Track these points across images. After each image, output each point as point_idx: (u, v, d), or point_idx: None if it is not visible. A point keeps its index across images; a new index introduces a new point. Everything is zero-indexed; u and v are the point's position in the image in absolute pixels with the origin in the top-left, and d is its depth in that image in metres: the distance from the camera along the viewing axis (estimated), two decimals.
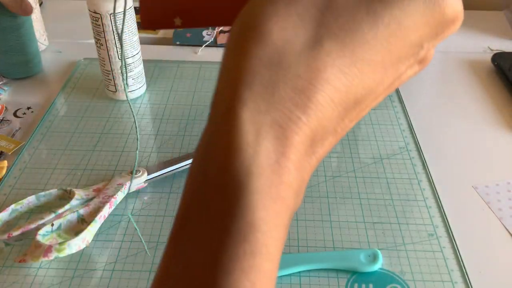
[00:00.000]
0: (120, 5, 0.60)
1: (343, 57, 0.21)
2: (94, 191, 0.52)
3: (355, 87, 0.21)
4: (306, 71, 0.20)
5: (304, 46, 0.21)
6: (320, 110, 0.21)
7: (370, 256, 0.46)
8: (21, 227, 0.47)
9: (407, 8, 0.22)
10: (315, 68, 0.20)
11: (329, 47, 0.21)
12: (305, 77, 0.20)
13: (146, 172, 0.54)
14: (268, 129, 0.20)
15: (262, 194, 0.19)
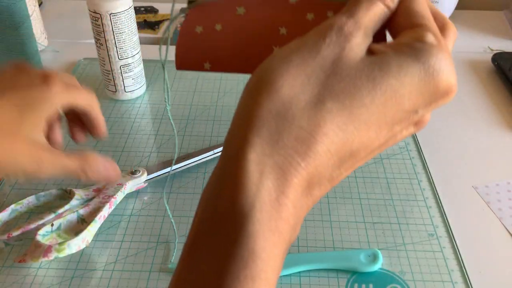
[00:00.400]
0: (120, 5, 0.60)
1: (342, 116, 0.24)
2: (94, 191, 0.52)
3: (351, 142, 0.24)
4: (308, 124, 0.23)
5: (308, 103, 0.24)
6: (318, 159, 0.23)
7: (370, 256, 0.46)
8: (21, 227, 0.47)
9: (404, 79, 0.24)
10: (316, 122, 0.23)
11: (330, 106, 0.23)
12: (307, 129, 0.23)
13: (146, 172, 0.54)
14: (271, 170, 0.23)
15: (263, 226, 0.22)
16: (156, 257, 0.47)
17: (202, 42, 0.31)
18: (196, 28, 0.31)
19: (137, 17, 0.90)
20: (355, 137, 0.24)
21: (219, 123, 0.64)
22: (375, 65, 0.24)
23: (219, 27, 0.31)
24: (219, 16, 0.31)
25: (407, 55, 0.24)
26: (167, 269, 0.46)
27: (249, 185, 0.23)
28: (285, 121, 0.24)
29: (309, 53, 0.24)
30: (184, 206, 0.53)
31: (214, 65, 0.31)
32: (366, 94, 0.24)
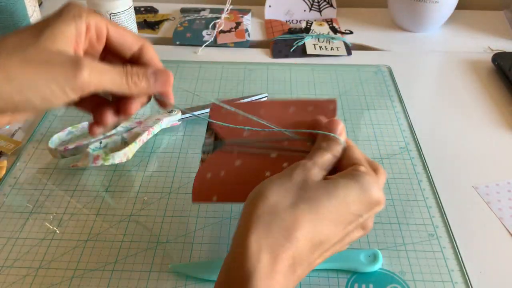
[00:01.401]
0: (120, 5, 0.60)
1: (311, 214, 0.36)
2: (136, 123, 0.60)
3: (319, 232, 0.36)
4: (289, 218, 0.35)
5: (288, 205, 0.36)
6: (298, 241, 0.35)
7: (370, 256, 0.46)
8: (75, 142, 0.57)
9: (347, 192, 0.37)
10: (295, 217, 0.35)
11: (303, 207, 0.36)
12: (288, 221, 0.35)
13: (180, 112, 0.62)
14: (266, 247, 0.34)
15: (261, 282, 0.33)
16: (156, 257, 0.47)
17: (210, 184, 0.43)
18: (207, 174, 0.44)
19: (137, 17, 0.90)
20: (321, 229, 0.36)
21: None
22: (329, 184, 0.37)
23: (223, 173, 0.43)
24: (223, 166, 0.44)
25: (349, 178, 0.38)
26: (167, 269, 0.46)
27: (251, 256, 0.34)
28: (273, 216, 0.35)
29: (286, 178, 0.38)
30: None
31: (219, 197, 0.42)
32: (325, 200, 0.36)
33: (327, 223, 0.36)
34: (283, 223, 0.35)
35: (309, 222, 0.35)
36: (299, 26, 0.87)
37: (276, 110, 0.48)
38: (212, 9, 0.92)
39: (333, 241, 0.37)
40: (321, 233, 0.36)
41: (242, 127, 0.46)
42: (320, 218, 0.36)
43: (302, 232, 0.35)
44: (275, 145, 0.45)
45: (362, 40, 0.85)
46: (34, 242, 0.49)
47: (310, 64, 0.77)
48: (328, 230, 0.36)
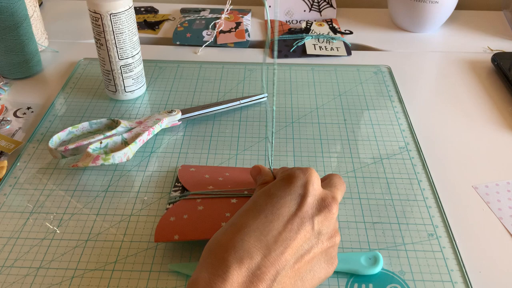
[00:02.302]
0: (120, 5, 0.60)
1: (234, 219, 0.39)
2: (136, 123, 0.61)
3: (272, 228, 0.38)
4: (222, 239, 0.38)
5: (231, 233, 0.38)
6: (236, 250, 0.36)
7: (371, 259, 0.46)
8: (76, 142, 0.57)
9: (268, 187, 0.41)
10: (224, 235, 0.38)
11: (231, 221, 0.39)
12: (222, 241, 0.38)
13: (180, 112, 0.63)
14: (205, 272, 0.35)
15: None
16: (156, 257, 0.47)
17: (173, 225, 0.47)
18: (171, 218, 0.48)
19: (137, 17, 0.90)
20: (254, 224, 0.37)
21: (219, 123, 0.64)
22: (265, 187, 0.41)
23: (186, 216, 0.48)
24: (186, 211, 0.48)
25: (280, 177, 0.41)
26: (167, 269, 0.46)
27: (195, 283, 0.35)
28: (222, 247, 0.36)
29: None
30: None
31: (180, 236, 0.46)
32: (264, 203, 0.39)
33: (267, 217, 0.37)
34: (223, 245, 0.36)
35: (248, 226, 0.37)
36: (299, 26, 0.87)
37: (237, 172, 0.55)
38: (212, 9, 0.92)
39: (286, 230, 0.37)
40: (263, 230, 0.37)
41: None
42: (257, 219, 0.37)
43: (237, 242, 0.36)
44: (236, 193, 0.50)
45: (362, 40, 0.85)
46: (35, 242, 0.49)
47: (310, 64, 0.77)
48: (271, 223, 0.37)
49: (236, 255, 0.35)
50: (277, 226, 0.37)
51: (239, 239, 0.36)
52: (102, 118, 0.62)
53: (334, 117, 0.66)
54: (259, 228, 0.37)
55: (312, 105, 0.68)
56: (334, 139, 0.62)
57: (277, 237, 0.37)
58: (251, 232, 0.37)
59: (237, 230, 0.37)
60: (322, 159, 0.59)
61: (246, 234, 0.37)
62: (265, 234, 0.37)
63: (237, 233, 0.37)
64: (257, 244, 0.36)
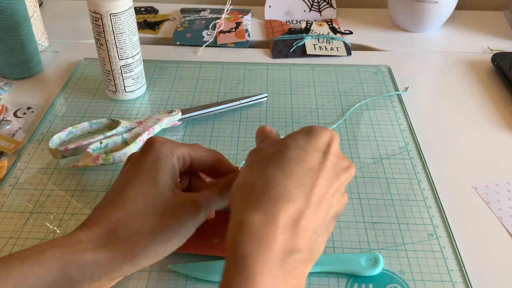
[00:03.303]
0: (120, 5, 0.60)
1: (278, 169, 0.37)
2: (136, 123, 0.61)
3: (294, 181, 0.37)
4: (263, 184, 0.36)
5: (257, 176, 0.37)
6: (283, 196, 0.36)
7: (371, 260, 0.46)
8: (76, 142, 0.57)
9: (297, 138, 0.39)
10: (266, 179, 0.37)
11: (270, 170, 0.37)
12: (265, 185, 0.36)
13: (180, 112, 0.63)
14: (254, 214, 0.35)
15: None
16: None
17: None
18: None
19: (137, 17, 0.90)
20: (297, 177, 0.36)
21: (219, 123, 0.64)
22: (277, 143, 0.40)
23: None
24: None
25: (292, 133, 0.41)
26: (167, 269, 0.46)
27: (244, 224, 0.34)
28: (250, 190, 0.36)
29: (247, 165, 0.40)
30: None
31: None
32: (283, 155, 0.38)
33: (298, 168, 0.37)
34: (261, 190, 0.36)
35: (282, 175, 0.36)
36: (299, 26, 0.87)
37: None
38: (212, 9, 0.92)
39: (319, 184, 0.37)
40: (298, 180, 0.36)
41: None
42: (289, 170, 0.36)
43: (278, 189, 0.35)
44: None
45: (362, 40, 0.85)
46: (35, 242, 0.49)
47: (310, 64, 0.77)
48: (303, 175, 0.36)
49: (283, 199, 0.35)
50: (310, 180, 0.37)
51: (279, 184, 0.36)
52: (102, 118, 0.62)
53: (334, 117, 0.66)
54: (291, 177, 0.36)
55: (312, 105, 0.68)
56: None
57: (313, 189, 0.36)
58: (287, 179, 0.36)
59: (271, 176, 0.36)
60: None
61: (283, 181, 0.36)
62: (302, 183, 0.36)
63: (273, 178, 0.36)
64: (297, 192, 0.36)
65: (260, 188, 0.36)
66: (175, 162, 0.43)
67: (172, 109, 0.63)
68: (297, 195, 0.35)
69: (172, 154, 0.42)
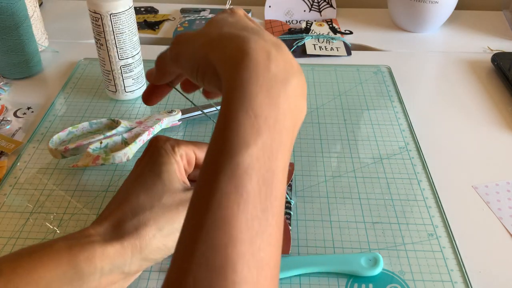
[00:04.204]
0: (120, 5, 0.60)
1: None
2: (137, 123, 0.61)
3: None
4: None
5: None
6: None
7: (371, 260, 0.46)
8: (76, 142, 0.57)
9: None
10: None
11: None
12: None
13: (180, 112, 0.62)
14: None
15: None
16: None
17: None
18: None
19: (137, 17, 0.90)
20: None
21: None
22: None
23: None
24: None
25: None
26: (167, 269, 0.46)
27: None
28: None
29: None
30: None
31: None
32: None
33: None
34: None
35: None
36: (299, 26, 0.87)
37: None
38: (212, 9, 0.92)
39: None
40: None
41: None
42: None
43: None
44: None
45: (362, 40, 0.85)
46: (35, 242, 0.48)
47: (310, 64, 0.77)
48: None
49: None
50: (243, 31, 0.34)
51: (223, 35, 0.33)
52: (102, 118, 0.62)
53: (334, 117, 0.66)
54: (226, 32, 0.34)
55: (312, 105, 0.68)
56: (334, 139, 0.62)
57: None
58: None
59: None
60: (322, 159, 0.59)
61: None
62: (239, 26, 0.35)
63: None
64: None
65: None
66: (178, 159, 0.43)
67: (172, 109, 0.63)
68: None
69: (174, 151, 0.43)
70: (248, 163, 0.28)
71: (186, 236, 0.27)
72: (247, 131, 0.28)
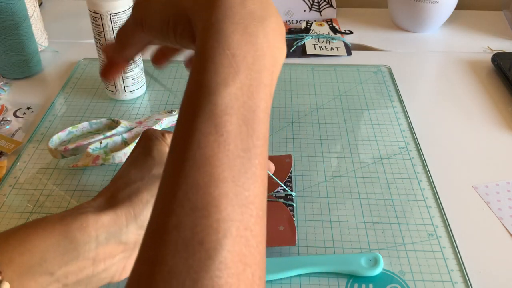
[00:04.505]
0: (120, 5, 0.60)
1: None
2: (136, 123, 0.61)
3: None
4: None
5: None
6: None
7: (371, 261, 0.46)
8: (76, 142, 0.57)
9: None
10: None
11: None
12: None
13: None
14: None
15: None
16: None
17: None
18: None
19: None
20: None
21: None
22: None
23: None
24: None
25: None
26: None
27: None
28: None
29: None
30: None
31: None
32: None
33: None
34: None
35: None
36: (299, 26, 0.87)
37: None
38: None
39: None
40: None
41: None
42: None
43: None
44: None
45: (362, 40, 0.85)
46: None
47: (310, 64, 0.77)
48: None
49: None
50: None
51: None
52: (102, 118, 0.62)
53: (334, 117, 0.66)
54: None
55: (312, 105, 0.68)
56: (334, 139, 0.62)
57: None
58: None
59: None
60: (322, 159, 0.59)
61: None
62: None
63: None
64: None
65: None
66: (169, 143, 0.43)
67: (172, 109, 0.63)
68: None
69: (164, 136, 0.43)
70: (227, 102, 0.27)
71: (167, 178, 0.27)
72: (225, 70, 0.27)
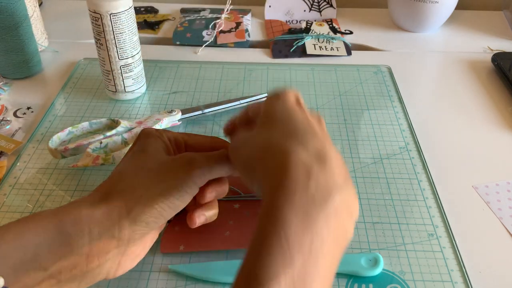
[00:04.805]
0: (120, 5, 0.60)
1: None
2: (136, 123, 0.60)
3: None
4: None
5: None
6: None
7: (371, 261, 0.46)
8: (76, 142, 0.57)
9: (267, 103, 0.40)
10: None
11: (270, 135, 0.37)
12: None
13: (180, 112, 0.63)
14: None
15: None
16: (156, 257, 0.47)
17: (178, 236, 0.48)
18: (175, 228, 0.49)
19: (137, 17, 0.90)
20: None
21: (219, 123, 0.64)
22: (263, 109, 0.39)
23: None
24: None
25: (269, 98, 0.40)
26: (167, 269, 0.46)
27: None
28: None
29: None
30: None
31: (186, 247, 0.47)
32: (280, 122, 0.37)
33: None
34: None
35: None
36: (299, 26, 0.87)
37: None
38: (212, 9, 0.92)
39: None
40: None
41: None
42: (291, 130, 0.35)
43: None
44: (238, 197, 0.51)
45: (362, 40, 0.85)
46: None
47: (310, 64, 0.77)
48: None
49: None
50: (311, 132, 0.35)
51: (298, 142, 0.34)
52: (102, 118, 0.62)
53: (334, 117, 0.66)
54: (298, 137, 0.35)
55: (312, 105, 0.68)
56: (334, 139, 0.62)
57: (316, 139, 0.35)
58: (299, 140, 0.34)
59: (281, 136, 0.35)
60: None
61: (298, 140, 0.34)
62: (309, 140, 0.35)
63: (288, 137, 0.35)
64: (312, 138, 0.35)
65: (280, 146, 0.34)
66: (165, 140, 0.44)
67: (172, 109, 0.63)
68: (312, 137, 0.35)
69: (161, 134, 0.44)
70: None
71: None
72: (278, 261, 0.28)
